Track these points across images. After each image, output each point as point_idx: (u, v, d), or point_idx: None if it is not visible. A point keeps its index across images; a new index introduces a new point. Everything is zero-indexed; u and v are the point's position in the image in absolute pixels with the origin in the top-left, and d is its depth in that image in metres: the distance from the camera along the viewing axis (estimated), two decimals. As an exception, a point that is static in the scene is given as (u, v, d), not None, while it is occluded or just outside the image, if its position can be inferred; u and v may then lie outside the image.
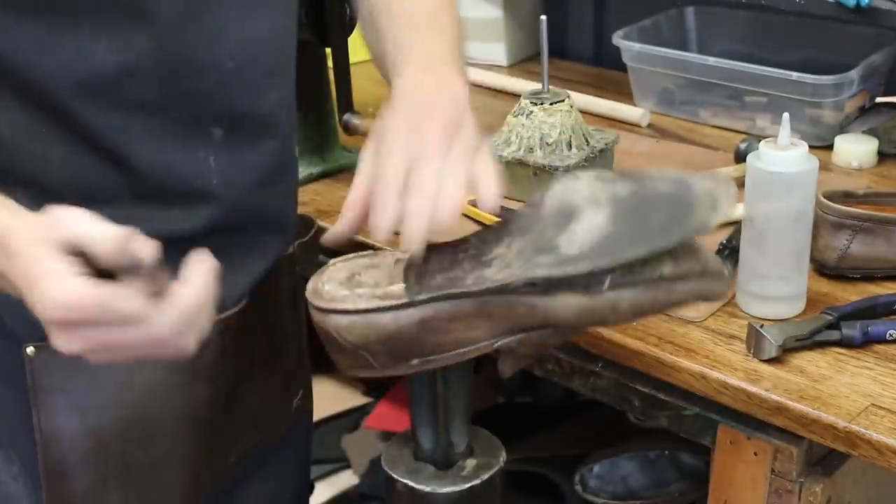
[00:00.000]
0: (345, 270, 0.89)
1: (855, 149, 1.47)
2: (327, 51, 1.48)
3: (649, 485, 1.59)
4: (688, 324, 1.10)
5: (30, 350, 0.91)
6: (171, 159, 0.90)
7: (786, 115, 1.08)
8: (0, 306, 0.90)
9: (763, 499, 1.05)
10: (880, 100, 1.59)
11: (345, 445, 1.92)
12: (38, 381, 0.92)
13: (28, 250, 0.72)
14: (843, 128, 1.53)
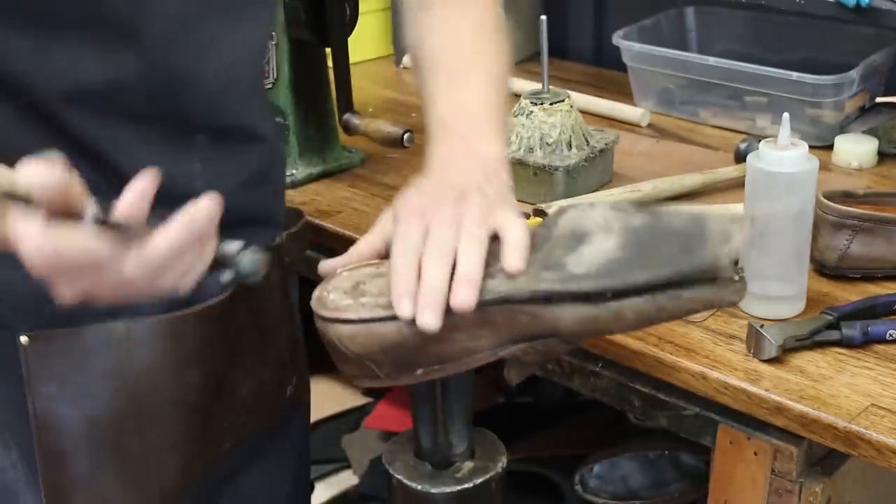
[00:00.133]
0: (350, 279, 0.89)
1: (855, 149, 1.47)
2: (327, 51, 1.48)
3: (649, 485, 1.59)
4: (688, 324, 1.10)
5: (24, 339, 0.92)
6: (158, 165, 0.91)
7: (786, 115, 1.08)
8: None
9: (763, 499, 1.05)
10: (880, 100, 1.59)
11: (345, 445, 1.92)
12: (32, 370, 0.93)
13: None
14: (843, 128, 1.53)
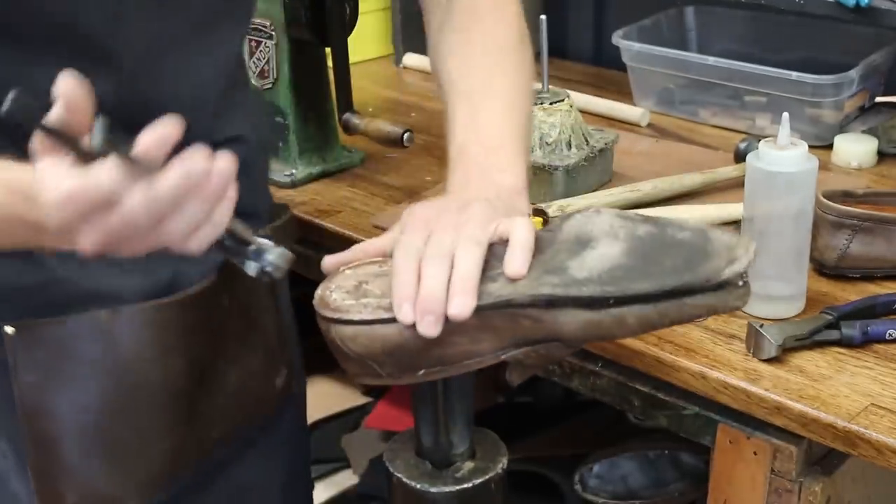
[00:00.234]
0: (353, 278, 0.89)
1: (854, 148, 1.47)
2: (327, 51, 1.48)
3: (649, 484, 1.59)
4: (688, 323, 1.10)
5: (9, 329, 0.93)
6: None
7: (785, 115, 1.08)
8: None
9: (763, 498, 1.05)
10: (880, 99, 1.59)
11: (345, 445, 1.92)
12: (18, 359, 0.94)
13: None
14: (842, 127, 1.53)
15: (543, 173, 1.33)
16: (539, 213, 1.25)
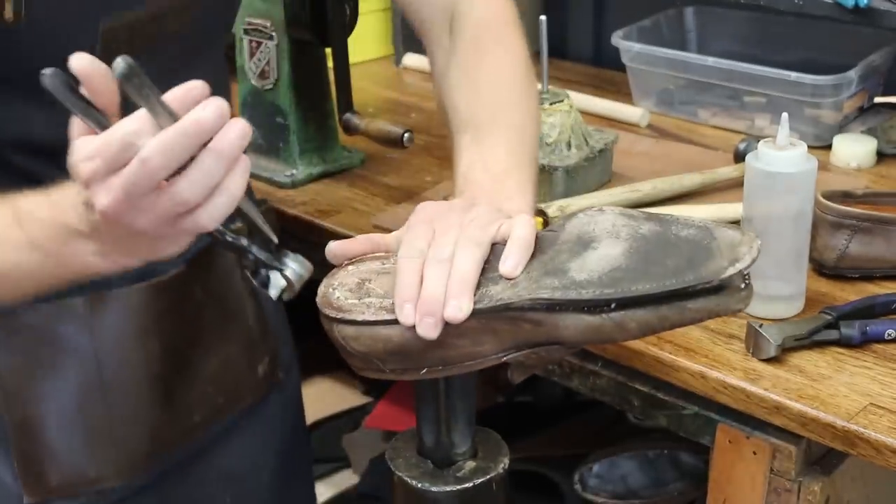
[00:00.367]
0: (356, 276, 0.89)
1: (854, 149, 1.47)
2: (327, 51, 1.48)
3: (649, 484, 1.59)
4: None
5: None
6: None
7: (785, 115, 1.08)
8: None
9: (762, 498, 1.06)
10: (879, 100, 1.59)
11: (345, 445, 1.92)
12: None
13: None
14: (841, 128, 1.53)
15: (543, 173, 1.33)
16: (539, 213, 1.25)
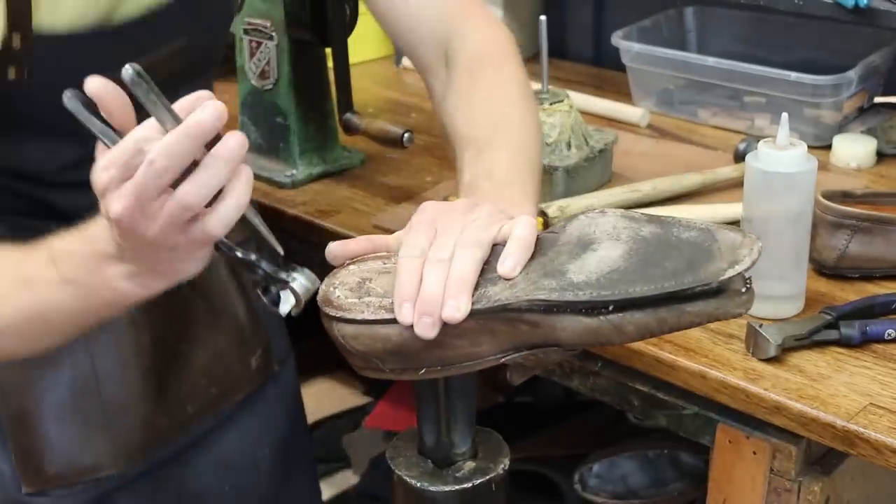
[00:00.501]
0: (357, 275, 0.89)
1: (853, 149, 1.47)
2: (327, 51, 1.48)
3: (649, 484, 1.59)
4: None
5: None
6: None
7: (784, 115, 1.08)
8: None
9: (762, 498, 1.06)
10: (879, 100, 1.59)
11: (345, 445, 1.92)
12: None
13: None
14: (841, 128, 1.53)
15: (543, 174, 1.32)
16: (539, 213, 1.25)
